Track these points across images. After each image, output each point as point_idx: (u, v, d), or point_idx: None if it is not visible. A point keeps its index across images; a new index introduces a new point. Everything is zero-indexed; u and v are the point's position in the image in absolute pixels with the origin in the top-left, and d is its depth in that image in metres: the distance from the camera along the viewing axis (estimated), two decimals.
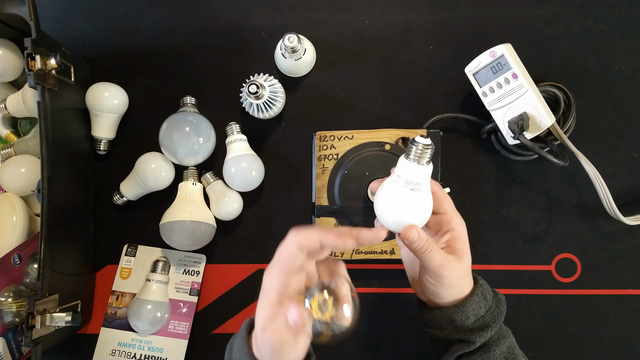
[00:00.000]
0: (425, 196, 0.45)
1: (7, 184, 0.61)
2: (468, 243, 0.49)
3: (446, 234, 0.48)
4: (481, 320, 0.48)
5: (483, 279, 0.51)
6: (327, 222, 0.62)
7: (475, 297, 0.48)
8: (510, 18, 0.66)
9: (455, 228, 0.48)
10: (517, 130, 0.57)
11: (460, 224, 0.49)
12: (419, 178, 0.44)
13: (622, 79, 0.65)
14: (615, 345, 0.64)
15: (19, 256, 0.58)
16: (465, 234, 0.49)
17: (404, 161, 0.44)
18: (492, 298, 0.50)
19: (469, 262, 0.48)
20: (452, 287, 0.47)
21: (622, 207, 0.62)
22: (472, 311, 0.48)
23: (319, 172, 0.62)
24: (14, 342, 0.58)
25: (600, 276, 0.65)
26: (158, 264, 0.64)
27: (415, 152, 0.43)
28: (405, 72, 0.66)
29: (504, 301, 0.50)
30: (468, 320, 0.48)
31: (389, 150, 0.61)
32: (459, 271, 0.47)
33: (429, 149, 0.43)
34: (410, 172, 0.44)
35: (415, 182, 0.44)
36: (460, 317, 0.47)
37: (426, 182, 0.44)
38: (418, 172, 0.43)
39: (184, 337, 0.64)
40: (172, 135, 0.60)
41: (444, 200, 0.49)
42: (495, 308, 0.49)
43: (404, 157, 0.44)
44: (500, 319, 0.49)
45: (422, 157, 0.43)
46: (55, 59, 0.53)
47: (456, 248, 0.48)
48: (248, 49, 0.67)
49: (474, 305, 0.48)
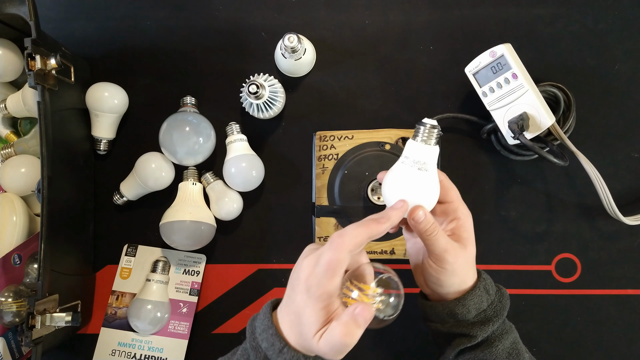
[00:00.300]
0: (432, 177, 0.46)
1: (7, 184, 0.61)
2: (473, 233, 0.49)
3: (452, 222, 0.49)
4: (483, 314, 0.48)
5: (486, 274, 0.51)
6: (327, 222, 0.62)
7: (477, 290, 0.48)
8: (510, 18, 0.66)
9: (460, 217, 0.48)
10: (517, 130, 0.57)
11: (466, 213, 0.49)
12: (426, 158, 0.45)
13: (622, 79, 0.65)
14: (615, 345, 0.64)
15: (19, 256, 0.58)
16: (470, 223, 0.49)
17: (411, 142, 0.46)
18: (495, 292, 0.50)
19: (473, 253, 0.49)
20: (455, 274, 0.47)
21: (622, 207, 0.62)
22: (473, 305, 0.47)
23: (319, 172, 0.62)
24: (14, 342, 0.58)
25: (600, 276, 0.65)
26: (158, 264, 0.64)
27: (423, 133, 0.45)
28: (405, 72, 0.66)
29: (507, 296, 0.50)
30: (469, 314, 0.48)
31: (389, 150, 0.61)
32: (462, 258, 0.47)
33: (436, 129, 0.45)
34: (418, 152, 0.45)
35: (422, 162, 0.45)
36: (461, 311, 0.47)
37: (433, 163, 0.45)
38: (425, 152, 0.45)
39: (184, 337, 0.64)
40: (172, 135, 0.60)
41: (451, 189, 0.49)
42: (497, 302, 0.49)
43: (411, 139, 0.46)
44: (503, 313, 0.49)
45: (430, 137, 0.45)
46: (55, 59, 0.53)
47: (461, 236, 0.48)
48: (248, 49, 0.67)
49: (475, 299, 0.48)
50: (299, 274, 0.42)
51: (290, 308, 0.43)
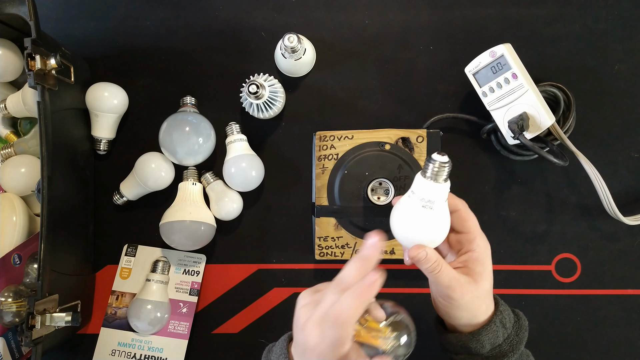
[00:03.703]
0: (439, 215, 0.44)
1: (7, 184, 0.61)
2: (490, 267, 0.47)
3: (466, 254, 0.47)
4: (498, 349, 0.46)
5: (504, 303, 0.49)
6: (327, 222, 0.62)
7: (492, 325, 0.46)
8: (510, 18, 0.66)
9: (476, 249, 0.46)
10: (517, 130, 0.57)
11: (482, 245, 0.47)
12: (433, 196, 0.43)
13: (622, 79, 0.65)
14: (615, 345, 0.64)
15: (19, 256, 0.58)
16: (487, 257, 0.47)
17: (419, 178, 0.43)
18: (512, 325, 0.48)
19: (488, 287, 0.46)
20: (462, 309, 0.45)
21: (622, 207, 0.62)
22: (488, 340, 0.46)
23: (319, 172, 0.62)
24: (14, 342, 0.58)
25: (600, 276, 0.65)
26: (158, 264, 0.64)
27: (432, 170, 0.42)
28: (405, 72, 0.66)
29: (526, 327, 0.48)
30: (484, 348, 0.46)
31: (389, 150, 0.61)
32: (471, 294, 0.45)
33: (446, 166, 0.42)
34: (424, 189, 0.43)
35: (427, 199, 0.43)
36: (475, 345, 0.46)
37: (441, 201, 0.43)
38: (432, 190, 0.42)
39: (184, 337, 0.64)
40: (172, 135, 0.60)
41: (468, 219, 0.47)
42: (514, 336, 0.47)
43: (420, 174, 0.43)
44: (520, 347, 0.47)
45: (439, 175, 0.42)
46: (55, 59, 0.53)
47: (474, 270, 0.46)
48: (248, 49, 0.67)
49: (490, 334, 0.46)
50: (306, 343, 0.41)
51: None
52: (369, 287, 0.40)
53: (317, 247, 0.62)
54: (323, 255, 0.63)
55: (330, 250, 0.62)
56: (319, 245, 0.62)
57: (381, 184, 0.61)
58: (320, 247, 0.62)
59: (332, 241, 0.62)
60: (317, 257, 0.63)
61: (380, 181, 0.61)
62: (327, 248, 0.62)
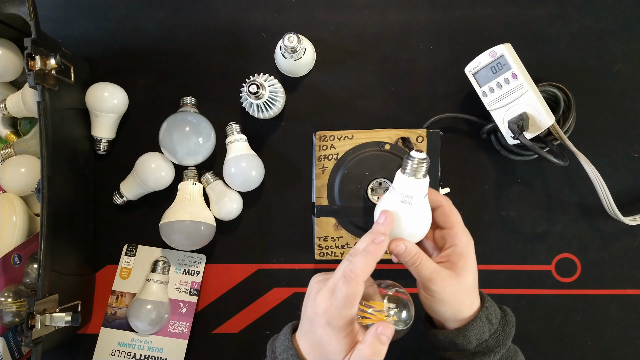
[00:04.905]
0: (418, 209, 0.45)
1: (7, 184, 0.61)
2: (473, 261, 0.47)
3: (448, 249, 0.48)
4: (484, 344, 0.47)
5: (490, 300, 0.49)
6: (327, 222, 0.62)
7: (478, 321, 0.46)
8: (510, 18, 0.66)
9: (458, 244, 0.47)
10: (517, 130, 0.57)
11: (465, 240, 0.48)
12: (411, 191, 0.45)
13: (622, 79, 0.65)
14: (615, 345, 0.64)
15: (19, 256, 0.58)
16: (469, 251, 0.48)
17: (399, 174, 0.45)
18: (498, 321, 0.48)
19: (471, 281, 0.47)
20: (445, 303, 0.46)
21: (622, 207, 0.62)
22: (474, 336, 0.46)
23: (319, 172, 0.62)
24: (14, 342, 0.58)
25: (600, 276, 0.65)
26: (158, 264, 0.64)
27: (411, 167, 0.44)
28: (405, 72, 0.66)
29: (513, 322, 0.49)
30: (470, 344, 0.47)
31: (389, 150, 0.61)
32: (452, 287, 0.46)
33: (424, 163, 0.44)
34: (403, 185, 0.45)
35: (406, 194, 0.45)
36: (461, 341, 0.46)
37: (420, 196, 0.45)
38: (410, 186, 0.45)
39: (183, 337, 0.64)
40: (172, 135, 0.60)
41: (451, 215, 0.48)
42: (501, 332, 0.47)
43: (400, 171, 0.45)
44: (507, 342, 0.47)
45: (417, 171, 0.44)
46: (55, 59, 0.53)
47: (456, 264, 0.47)
48: (248, 49, 0.67)
49: (476, 330, 0.46)
50: (316, 309, 0.43)
51: (312, 339, 0.43)
52: (377, 245, 0.43)
53: (317, 247, 0.62)
54: (323, 255, 0.63)
55: (330, 250, 0.62)
56: (318, 245, 0.62)
57: (381, 184, 0.61)
58: (320, 247, 0.62)
59: (332, 241, 0.62)
60: (317, 257, 0.63)
61: (380, 181, 0.61)
62: (327, 248, 0.62)
